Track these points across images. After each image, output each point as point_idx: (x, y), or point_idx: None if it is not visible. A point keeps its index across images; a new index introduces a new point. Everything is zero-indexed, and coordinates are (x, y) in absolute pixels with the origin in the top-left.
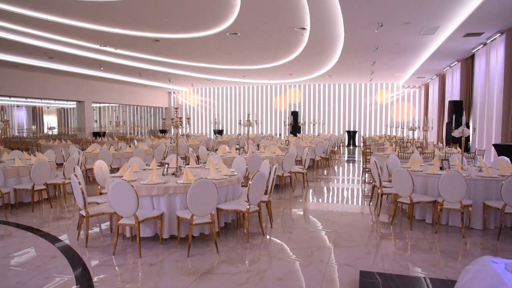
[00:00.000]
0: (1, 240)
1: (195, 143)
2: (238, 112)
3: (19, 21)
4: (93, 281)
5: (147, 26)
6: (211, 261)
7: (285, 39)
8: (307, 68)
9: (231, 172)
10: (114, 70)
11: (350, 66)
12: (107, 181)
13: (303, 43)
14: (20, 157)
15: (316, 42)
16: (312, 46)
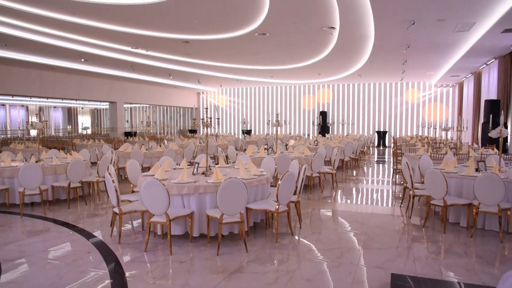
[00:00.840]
0: (40, 235)
1: (224, 143)
2: (266, 112)
3: (57, 26)
4: (125, 277)
5: (177, 28)
6: (240, 260)
7: (313, 38)
8: (336, 67)
9: (260, 172)
10: (145, 72)
11: (380, 65)
12: (139, 179)
13: (332, 43)
14: (57, 156)
15: (346, 41)
16: (341, 46)
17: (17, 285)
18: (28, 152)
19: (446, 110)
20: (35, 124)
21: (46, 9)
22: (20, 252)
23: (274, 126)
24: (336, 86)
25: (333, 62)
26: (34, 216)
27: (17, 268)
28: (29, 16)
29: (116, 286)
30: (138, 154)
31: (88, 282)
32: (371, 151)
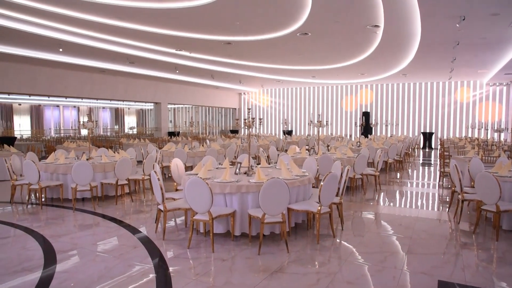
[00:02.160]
0: (90, 229)
1: (265, 143)
2: (307, 112)
3: (107, 31)
4: (169, 272)
5: (220, 29)
6: (281, 260)
7: (357, 37)
8: (380, 67)
9: (302, 172)
10: (188, 73)
11: (427, 63)
12: (183, 178)
13: (376, 41)
14: (106, 154)
15: (390, 40)
16: (385, 44)
17: (70, 275)
18: (79, 150)
19: (499, 110)
20: (87, 124)
21: (98, 15)
22: (72, 244)
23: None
24: (379, 86)
25: (376, 61)
26: (85, 210)
27: (70, 259)
28: (82, 22)
29: (160, 281)
30: (181, 153)
31: (134, 276)
32: (416, 153)
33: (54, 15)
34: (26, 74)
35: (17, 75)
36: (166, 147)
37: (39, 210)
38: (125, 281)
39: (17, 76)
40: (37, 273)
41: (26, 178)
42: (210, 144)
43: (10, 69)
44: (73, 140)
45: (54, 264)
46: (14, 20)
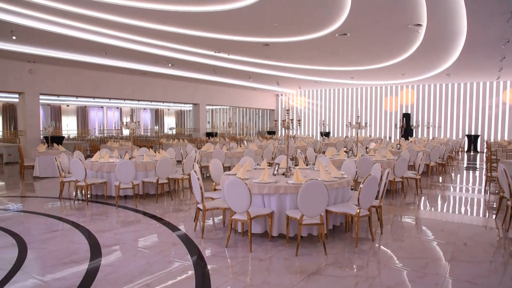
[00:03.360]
0: (131, 225)
1: (302, 145)
2: (345, 114)
3: (149, 34)
4: (208, 270)
5: (258, 31)
6: (318, 262)
7: (397, 37)
8: (422, 67)
9: (340, 174)
10: (226, 74)
11: (473, 63)
12: (222, 178)
13: (418, 41)
14: (147, 154)
15: (433, 39)
16: (428, 43)
17: (114, 268)
18: (122, 150)
19: None
20: (129, 125)
21: (141, 20)
22: (115, 239)
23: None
24: (421, 87)
25: (418, 61)
26: (127, 208)
27: (113, 254)
28: (126, 26)
29: (199, 278)
30: (220, 154)
31: (174, 272)
32: (460, 156)
33: (100, 21)
34: (74, 77)
35: (66, 78)
36: (204, 148)
37: (85, 206)
38: (165, 277)
39: (66, 79)
40: (84, 265)
41: (74, 175)
42: (247, 145)
43: (59, 73)
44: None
45: (99, 258)
46: (63, 26)
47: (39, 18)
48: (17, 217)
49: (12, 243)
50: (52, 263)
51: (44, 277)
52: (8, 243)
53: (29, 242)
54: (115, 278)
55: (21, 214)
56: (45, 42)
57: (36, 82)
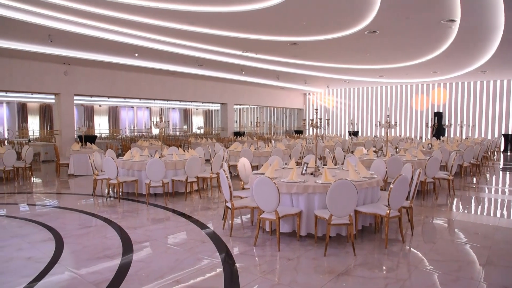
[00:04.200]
0: (161, 222)
1: (330, 144)
2: (374, 113)
3: (178, 35)
4: (236, 267)
5: (285, 30)
6: (347, 262)
7: (429, 33)
8: (455, 64)
9: (370, 174)
10: (254, 74)
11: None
12: (250, 177)
13: (451, 37)
14: (176, 153)
15: (468, 35)
16: (462, 40)
17: (145, 264)
18: (152, 149)
19: None
20: (159, 124)
21: (170, 21)
22: (146, 236)
23: (384, 128)
24: (453, 85)
25: (451, 58)
26: (157, 205)
27: (144, 250)
28: (156, 28)
29: (227, 275)
30: (247, 153)
31: (203, 269)
32: (496, 156)
33: (131, 23)
34: (106, 78)
35: (98, 79)
36: (232, 147)
37: (116, 203)
38: (194, 274)
39: (98, 80)
40: (116, 260)
41: (106, 173)
42: (275, 144)
43: (92, 74)
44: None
45: (131, 253)
46: (97, 29)
47: (74, 22)
48: (53, 213)
49: (49, 237)
50: (87, 257)
51: (79, 271)
52: (46, 237)
53: (65, 236)
54: (146, 274)
55: (57, 210)
56: (79, 45)
57: (71, 83)
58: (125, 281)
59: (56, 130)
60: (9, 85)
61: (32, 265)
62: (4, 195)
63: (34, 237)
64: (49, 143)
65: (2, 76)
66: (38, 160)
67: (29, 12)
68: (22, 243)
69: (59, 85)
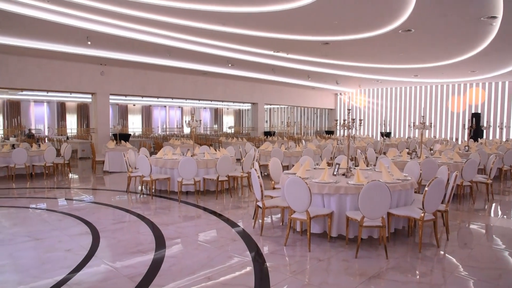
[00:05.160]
0: (192, 220)
1: (362, 145)
2: (408, 114)
3: (210, 36)
4: (266, 267)
5: (317, 30)
6: (379, 265)
7: (467, 31)
8: (495, 63)
9: (404, 176)
10: (285, 74)
11: None
12: (282, 177)
13: (491, 35)
14: (208, 152)
15: (510, 32)
16: (503, 37)
17: (178, 260)
18: (184, 147)
19: None
20: (192, 123)
21: (203, 22)
22: (178, 232)
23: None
24: (493, 85)
25: (490, 57)
26: (188, 203)
27: (176, 246)
28: (189, 29)
29: (257, 274)
30: (278, 153)
31: (234, 267)
32: None
33: (164, 24)
34: (140, 78)
35: (133, 79)
36: (263, 146)
37: (149, 199)
38: (225, 271)
39: (133, 80)
40: (150, 255)
41: (140, 171)
42: (306, 145)
43: (127, 74)
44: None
45: (163, 249)
46: (132, 30)
47: (111, 24)
48: (89, 208)
49: (86, 231)
50: (121, 251)
51: (114, 264)
52: (83, 230)
53: (101, 231)
54: (178, 269)
55: (93, 205)
56: (115, 46)
57: (107, 83)
58: (158, 276)
59: (93, 128)
60: (50, 85)
61: (71, 256)
62: (45, 190)
63: (72, 230)
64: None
65: (44, 77)
66: (76, 157)
67: (69, 16)
68: (62, 235)
69: (96, 85)
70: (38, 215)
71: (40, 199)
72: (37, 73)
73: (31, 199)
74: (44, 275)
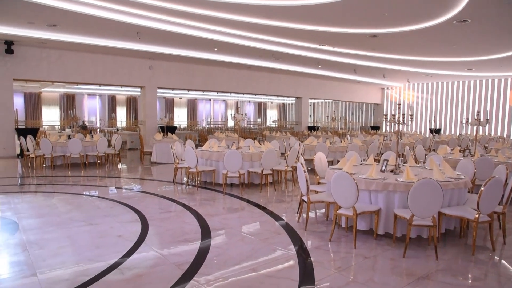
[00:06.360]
0: (237, 212)
1: (410, 142)
2: (460, 109)
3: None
4: (311, 261)
5: (365, 22)
6: (428, 266)
7: None
8: None
9: (456, 175)
10: (330, 68)
11: None
12: (327, 172)
13: None
14: (252, 145)
15: None
16: None
17: (223, 250)
18: (229, 140)
19: None
20: (237, 116)
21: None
22: (222, 224)
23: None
24: None
25: None
26: (233, 195)
27: (221, 237)
28: (234, 23)
29: (302, 268)
30: (323, 147)
31: (278, 260)
32: None
33: (211, 18)
34: (186, 72)
35: (179, 73)
36: (307, 141)
37: (195, 190)
38: (270, 264)
39: (179, 73)
40: (195, 244)
41: (186, 162)
42: (351, 140)
43: (174, 68)
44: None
45: (208, 239)
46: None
47: (160, 19)
48: (138, 197)
49: (136, 219)
50: (169, 240)
51: (162, 251)
52: (133, 218)
53: (149, 219)
54: (224, 260)
55: (141, 194)
56: (163, 41)
57: (155, 77)
58: (204, 265)
59: (141, 120)
60: (102, 79)
61: (122, 242)
62: (97, 178)
63: (123, 217)
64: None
65: (96, 71)
66: (125, 148)
67: (121, 12)
68: (113, 222)
69: (144, 79)
70: (91, 202)
71: (92, 187)
72: (91, 68)
73: (85, 186)
74: (98, 258)
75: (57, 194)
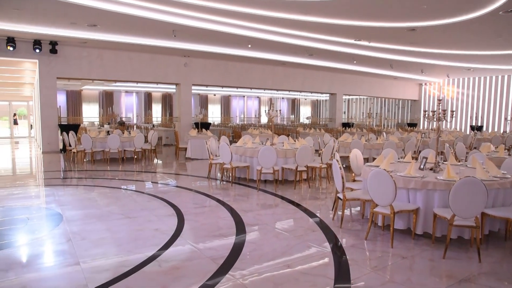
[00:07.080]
0: (271, 208)
1: (449, 139)
2: (504, 105)
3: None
4: (346, 259)
5: (403, 16)
6: (469, 269)
7: None
8: None
9: (502, 174)
10: (366, 63)
11: None
12: (364, 169)
13: None
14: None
15: None
16: None
17: (258, 246)
18: (263, 137)
19: None
20: (271, 113)
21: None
22: (256, 220)
23: None
24: None
25: None
26: (266, 191)
27: (255, 232)
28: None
29: (337, 266)
30: (358, 144)
31: (313, 257)
32: None
33: (245, 15)
34: (220, 68)
35: (214, 70)
36: (342, 138)
37: (229, 186)
38: (304, 260)
39: (214, 71)
40: (230, 239)
41: (221, 158)
42: (387, 137)
43: (208, 65)
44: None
45: (243, 234)
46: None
47: (195, 17)
48: (174, 191)
49: (172, 213)
50: (204, 234)
51: (198, 245)
52: (169, 212)
53: (185, 214)
54: (258, 255)
55: (177, 189)
56: (198, 38)
57: (190, 74)
58: (239, 260)
59: (176, 117)
60: (139, 76)
61: (159, 235)
62: (134, 173)
63: (159, 211)
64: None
65: (133, 69)
66: (160, 144)
67: (157, 11)
68: (150, 215)
69: (180, 76)
70: (129, 196)
71: (130, 181)
72: (128, 66)
73: (123, 181)
74: (137, 250)
75: (97, 187)
